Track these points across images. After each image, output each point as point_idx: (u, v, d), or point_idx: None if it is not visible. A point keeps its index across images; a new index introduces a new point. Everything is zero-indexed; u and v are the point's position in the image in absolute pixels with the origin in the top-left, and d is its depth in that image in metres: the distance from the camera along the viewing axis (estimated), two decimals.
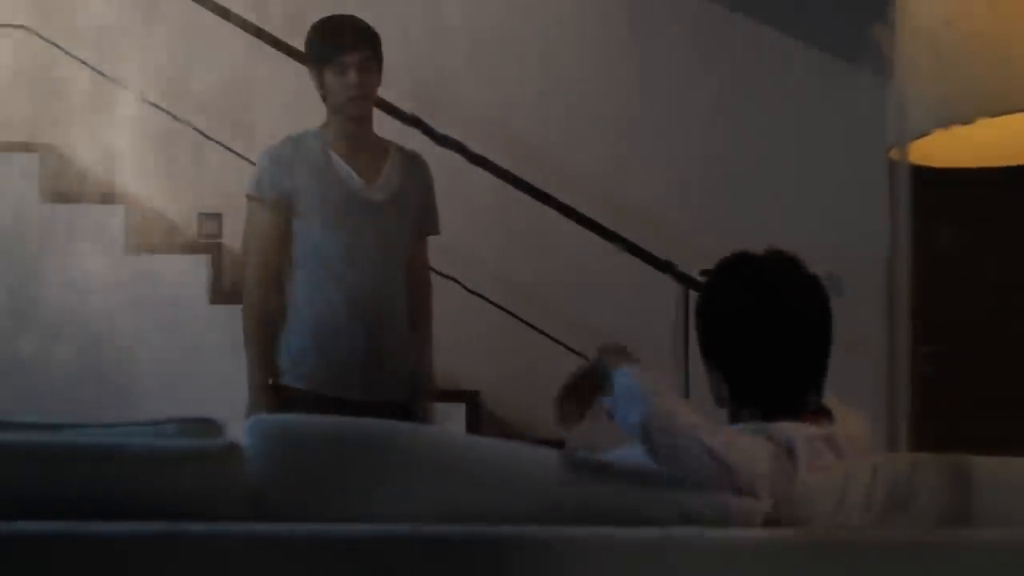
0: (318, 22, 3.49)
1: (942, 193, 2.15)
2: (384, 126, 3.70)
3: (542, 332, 4.58)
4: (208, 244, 4.78)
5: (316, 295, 3.40)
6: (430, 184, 3.58)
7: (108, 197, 4.84)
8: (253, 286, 3.45)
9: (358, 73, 3.38)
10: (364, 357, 3.39)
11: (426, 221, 3.58)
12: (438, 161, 3.79)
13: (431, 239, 3.62)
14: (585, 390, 1.99)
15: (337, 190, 3.42)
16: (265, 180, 3.43)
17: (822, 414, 1.99)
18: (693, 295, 3.95)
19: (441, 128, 4.47)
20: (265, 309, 3.42)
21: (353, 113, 3.44)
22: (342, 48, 3.38)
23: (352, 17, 3.47)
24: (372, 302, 3.41)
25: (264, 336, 3.41)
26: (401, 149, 3.58)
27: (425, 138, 4.33)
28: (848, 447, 1.94)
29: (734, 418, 2.01)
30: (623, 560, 1.74)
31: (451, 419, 4.23)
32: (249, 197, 3.49)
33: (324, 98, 3.44)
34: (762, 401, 1.99)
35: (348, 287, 3.39)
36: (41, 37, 4.96)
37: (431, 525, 1.72)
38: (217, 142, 4.71)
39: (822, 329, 2.04)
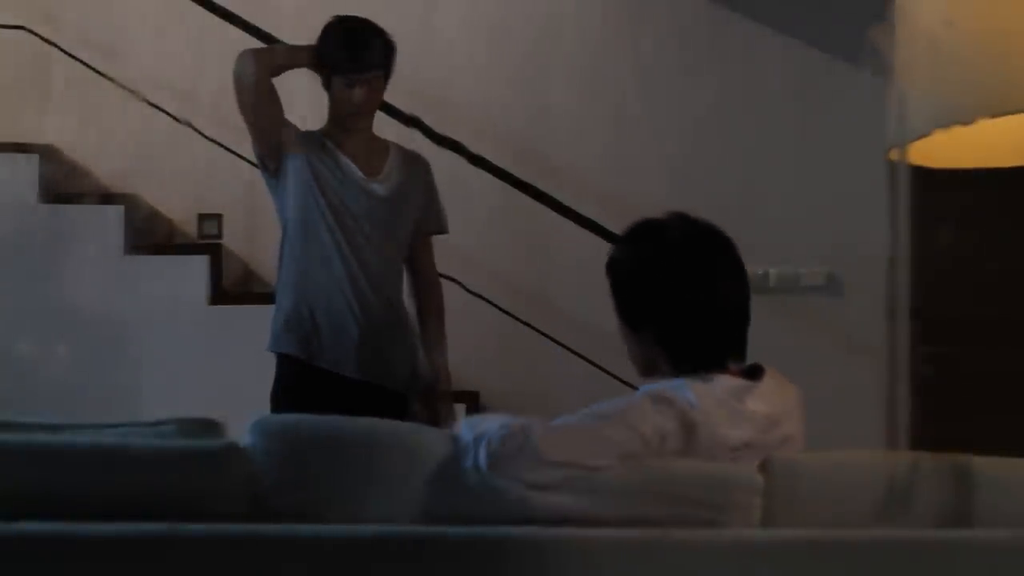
0: (338, 24, 3.41)
1: (942, 193, 2.14)
2: (384, 126, 3.70)
3: (542, 333, 4.57)
4: (208, 244, 4.78)
5: (312, 268, 3.37)
6: (432, 183, 3.55)
7: (108, 197, 4.84)
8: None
9: (365, 90, 3.37)
10: (358, 334, 3.35)
11: (431, 220, 3.55)
12: (438, 161, 3.78)
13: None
14: None
15: (339, 174, 3.40)
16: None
17: (750, 371, 2.05)
18: None
19: (441, 128, 4.46)
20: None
21: (351, 127, 3.43)
22: (356, 66, 3.34)
23: (372, 27, 3.40)
24: (370, 281, 3.38)
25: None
26: (401, 148, 3.57)
27: (425, 138, 4.32)
28: (782, 401, 2.01)
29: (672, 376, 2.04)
30: (622, 560, 1.74)
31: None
32: None
33: (326, 87, 3.42)
34: (697, 357, 2.04)
35: (345, 261, 3.35)
36: (41, 37, 4.96)
37: (431, 525, 1.72)
38: (217, 142, 4.71)
39: (744, 286, 2.11)
